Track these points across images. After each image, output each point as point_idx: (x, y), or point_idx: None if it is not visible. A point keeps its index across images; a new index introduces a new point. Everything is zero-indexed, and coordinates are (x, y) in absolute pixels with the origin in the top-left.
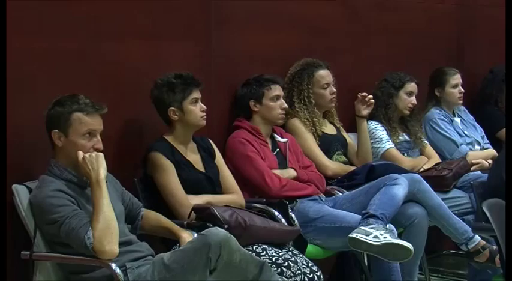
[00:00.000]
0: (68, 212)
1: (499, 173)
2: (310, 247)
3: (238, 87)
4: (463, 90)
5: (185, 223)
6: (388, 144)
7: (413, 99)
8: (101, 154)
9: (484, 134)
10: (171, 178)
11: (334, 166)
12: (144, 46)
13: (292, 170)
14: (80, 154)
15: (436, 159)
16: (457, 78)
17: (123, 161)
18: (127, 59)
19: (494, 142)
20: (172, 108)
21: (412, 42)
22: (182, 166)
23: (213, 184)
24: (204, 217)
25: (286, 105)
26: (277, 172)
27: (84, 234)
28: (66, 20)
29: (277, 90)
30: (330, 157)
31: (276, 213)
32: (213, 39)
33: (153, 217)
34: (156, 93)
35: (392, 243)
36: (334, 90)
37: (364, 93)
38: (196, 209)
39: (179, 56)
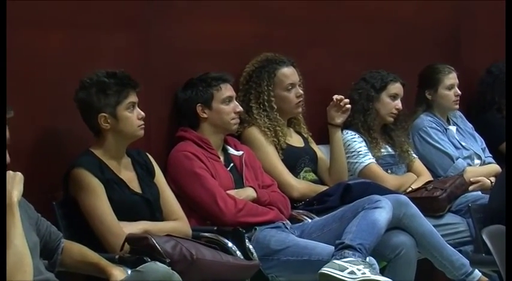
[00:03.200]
0: None
1: (502, 194)
2: None
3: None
4: (459, 92)
5: (116, 257)
6: (367, 159)
7: (398, 103)
8: (20, 175)
9: (484, 145)
10: (99, 201)
11: (301, 185)
12: (67, 37)
13: (251, 189)
14: None
15: (427, 177)
16: (452, 78)
17: (38, 181)
18: (45, 52)
19: (497, 155)
20: (103, 114)
21: (398, 34)
22: (113, 185)
23: (151, 208)
24: (140, 249)
25: (241, 108)
26: (233, 192)
27: None
28: None
29: (228, 90)
30: (296, 174)
31: (230, 244)
32: (152, 30)
33: (76, 250)
34: (83, 96)
35: (372, 280)
36: (301, 92)
37: (339, 96)
38: (130, 239)
39: (110, 50)
